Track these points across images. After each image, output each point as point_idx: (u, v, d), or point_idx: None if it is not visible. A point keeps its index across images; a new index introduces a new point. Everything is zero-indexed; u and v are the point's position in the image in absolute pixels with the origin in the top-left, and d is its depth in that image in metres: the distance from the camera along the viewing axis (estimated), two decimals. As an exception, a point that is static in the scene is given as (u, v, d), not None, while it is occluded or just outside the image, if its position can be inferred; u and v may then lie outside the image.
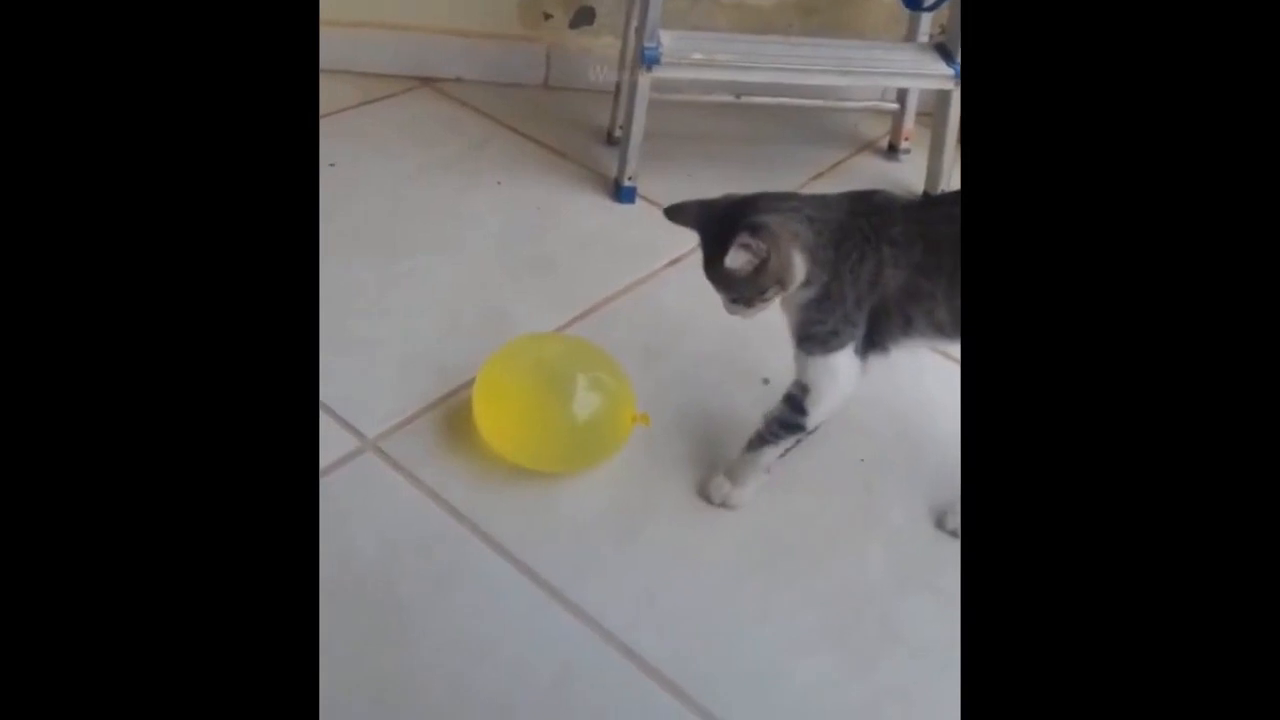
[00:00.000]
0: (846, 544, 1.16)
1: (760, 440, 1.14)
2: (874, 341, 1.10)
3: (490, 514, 1.13)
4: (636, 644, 1.02)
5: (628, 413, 1.16)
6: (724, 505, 1.17)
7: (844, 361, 1.09)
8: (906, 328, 1.09)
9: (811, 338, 1.09)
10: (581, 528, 1.13)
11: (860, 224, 1.08)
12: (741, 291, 1.08)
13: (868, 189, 1.14)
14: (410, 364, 1.31)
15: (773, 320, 1.13)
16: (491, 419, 1.17)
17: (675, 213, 1.12)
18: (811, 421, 1.12)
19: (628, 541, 1.13)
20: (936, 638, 1.06)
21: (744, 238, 1.03)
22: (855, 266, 1.06)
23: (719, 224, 1.08)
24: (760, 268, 1.05)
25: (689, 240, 1.60)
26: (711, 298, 1.12)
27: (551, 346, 1.26)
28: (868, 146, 1.97)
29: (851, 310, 1.07)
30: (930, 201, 1.12)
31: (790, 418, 1.12)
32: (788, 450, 1.14)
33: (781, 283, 1.07)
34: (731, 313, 1.12)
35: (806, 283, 1.07)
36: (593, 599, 1.05)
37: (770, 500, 1.19)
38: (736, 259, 1.04)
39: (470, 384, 1.20)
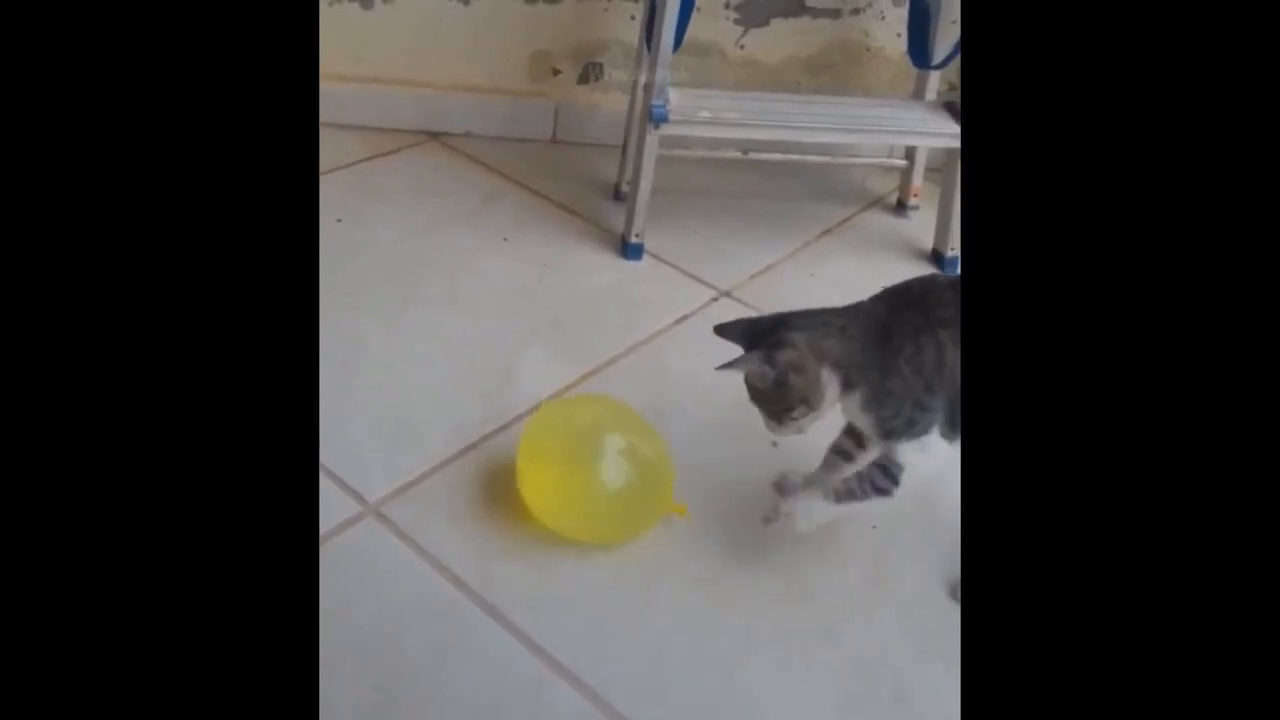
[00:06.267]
0: (859, 614, 1.13)
1: (851, 496, 1.11)
2: (953, 422, 1.08)
3: (493, 584, 1.10)
4: (643, 719, 0.99)
5: (666, 499, 1.15)
6: (790, 525, 1.13)
7: (931, 442, 1.08)
8: None
9: (892, 432, 1.08)
10: (585, 598, 1.11)
11: (907, 317, 1.07)
12: (769, 406, 1.08)
13: (901, 282, 1.13)
14: (413, 423, 1.29)
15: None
16: (543, 481, 1.14)
17: (723, 330, 1.12)
18: (899, 491, 1.11)
19: (633, 612, 1.10)
20: (950, 709, 1.02)
21: (759, 356, 1.05)
22: (913, 357, 1.05)
23: (757, 339, 1.08)
24: (783, 385, 1.05)
25: (696, 298, 1.61)
26: (718, 357, 1.10)
27: (616, 416, 1.22)
28: (876, 203, 1.97)
29: (923, 397, 1.06)
30: None
31: (884, 484, 1.10)
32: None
33: (808, 402, 1.06)
34: (770, 430, 1.11)
35: (848, 391, 1.07)
36: (597, 673, 1.03)
37: (781, 569, 1.16)
38: (750, 372, 1.06)
39: (473, 446, 1.18)
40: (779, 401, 1.07)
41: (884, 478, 1.10)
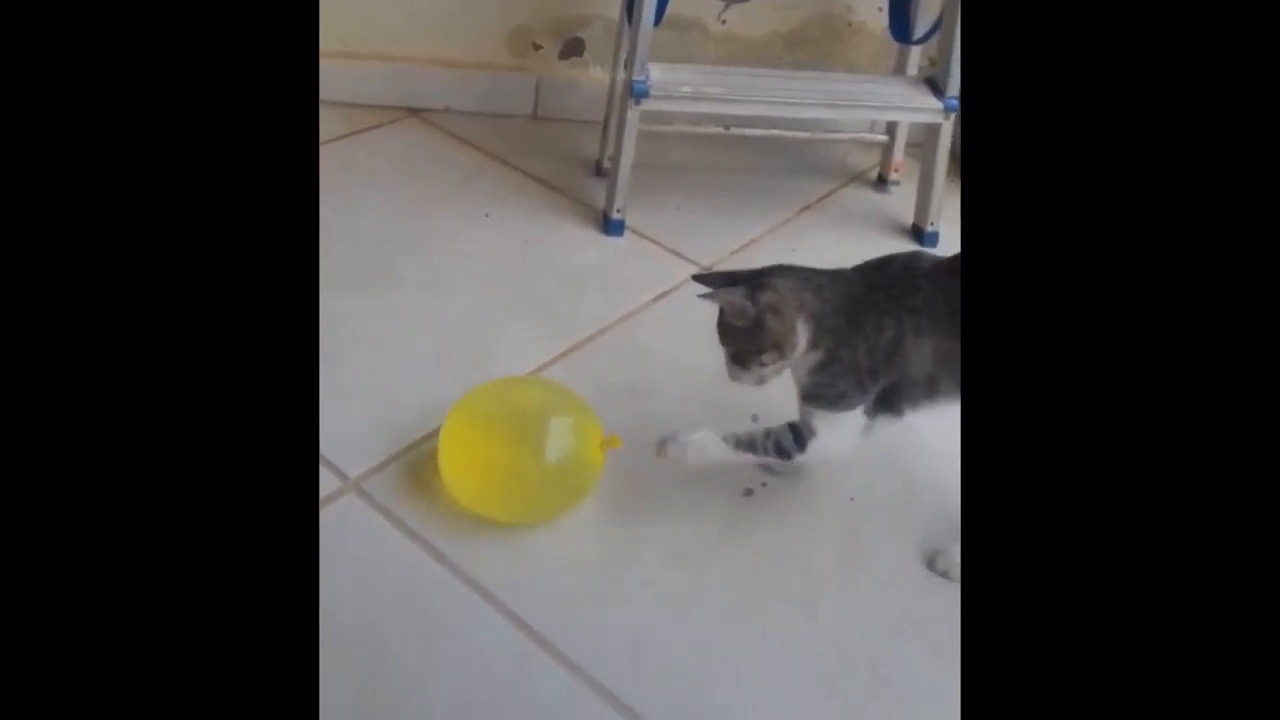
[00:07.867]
0: (836, 587, 1.14)
1: (750, 447, 1.13)
2: (889, 405, 1.10)
3: (476, 559, 1.10)
4: (626, 695, 1.00)
5: (594, 443, 1.14)
6: (668, 460, 1.13)
7: (851, 418, 1.10)
8: (931, 391, 1.09)
9: (819, 398, 1.11)
10: (566, 572, 1.11)
11: (878, 297, 1.08)
12: (739, 346, 1.10)
13: (884, 257, 1.14)
14: (394, 400, 1.29)
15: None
16: (458, 479, 1.14)
17: (702, 279, 1.14)
18: (803, 459, 1.13)
19: (613, 586, 1.11)
20: (927, 684, 1.04)
21: (742, 290, 1.07)
22: (871, 335, 1.07)
23: (736, 286, 1.10)
24: (759, 326, 1.07)
25: (677, 274, 1.61)
26: (700, 332, 1.11)
27: (504, 397, 1.21)
28: (857, 178, 1.97)
29: (865, 378, 1.08)
30: (955, 265, 1.10)
31: (789, 445, 1.12)
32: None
33: (779, 348, 1.08)
34: (732, 376, 1.13)
35: (811, 349, 1.09)
36: (580, 648, 1.03)
37: (758, 542, 1.17)
38: (730, 305, 1.07)
39: (454, 422, 1.17)
40: (752, 341, 1.08)
41: (792, 441, 1.12)
